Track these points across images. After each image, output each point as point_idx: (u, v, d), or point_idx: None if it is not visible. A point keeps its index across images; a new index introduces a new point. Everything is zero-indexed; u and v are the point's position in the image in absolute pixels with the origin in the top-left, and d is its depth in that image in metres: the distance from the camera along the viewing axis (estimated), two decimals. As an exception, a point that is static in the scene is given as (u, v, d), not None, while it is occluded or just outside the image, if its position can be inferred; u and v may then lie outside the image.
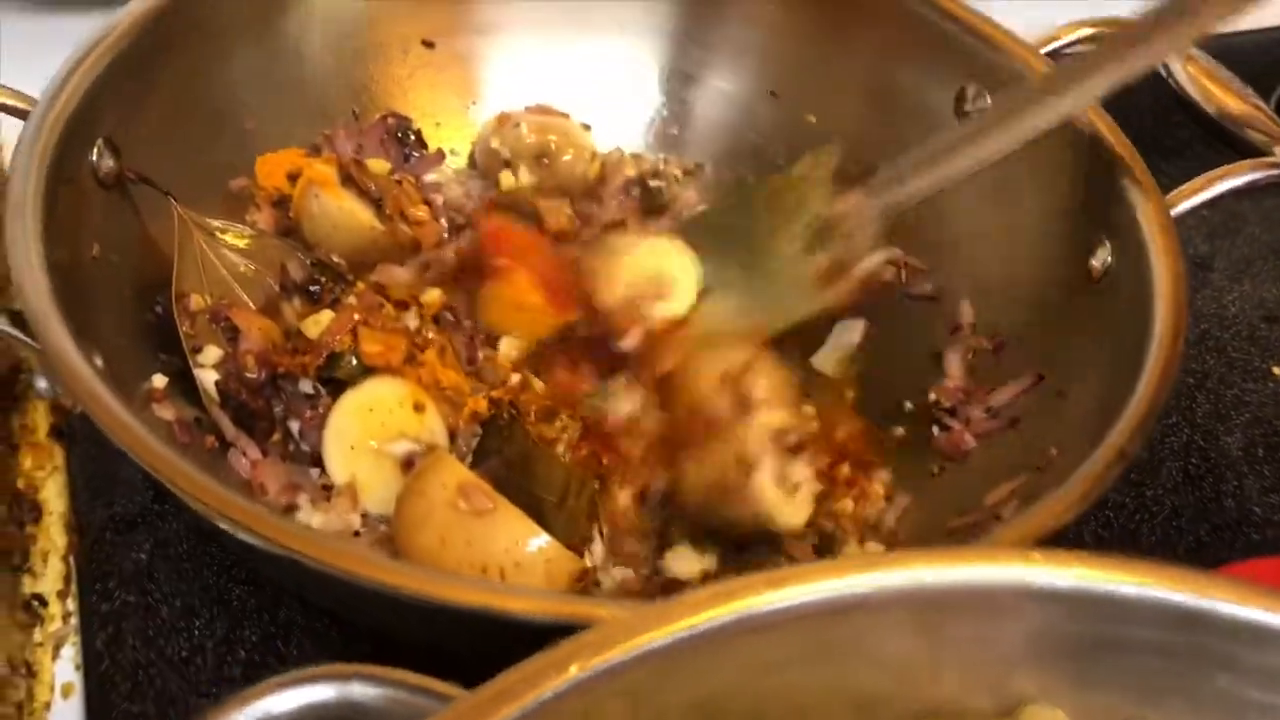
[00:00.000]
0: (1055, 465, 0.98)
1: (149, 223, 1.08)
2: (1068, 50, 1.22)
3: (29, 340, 0.86)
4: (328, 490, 0.99)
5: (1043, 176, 1.13)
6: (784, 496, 1.00)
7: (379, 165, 1.20)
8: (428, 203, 1.19)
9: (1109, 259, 1.07)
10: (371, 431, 0.98)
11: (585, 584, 0.91)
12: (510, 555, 0.87)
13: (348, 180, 1.15)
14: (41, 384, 0.85)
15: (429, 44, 1.30)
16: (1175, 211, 1.05)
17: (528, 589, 0.85)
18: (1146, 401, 0.89)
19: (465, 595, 0.73)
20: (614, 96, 1.33)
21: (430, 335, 1.02)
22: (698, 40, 1.33)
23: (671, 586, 0.97)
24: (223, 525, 0.75)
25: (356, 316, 1.01)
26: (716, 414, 1.02)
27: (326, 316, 1.02)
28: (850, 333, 1.25)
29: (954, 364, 1.17)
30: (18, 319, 0.87)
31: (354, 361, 1.00)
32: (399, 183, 1.19)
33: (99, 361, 0.88)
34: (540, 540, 0.88)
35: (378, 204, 1.16)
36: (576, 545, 0.96)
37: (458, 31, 1.31)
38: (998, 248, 1.18)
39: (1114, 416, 0.89)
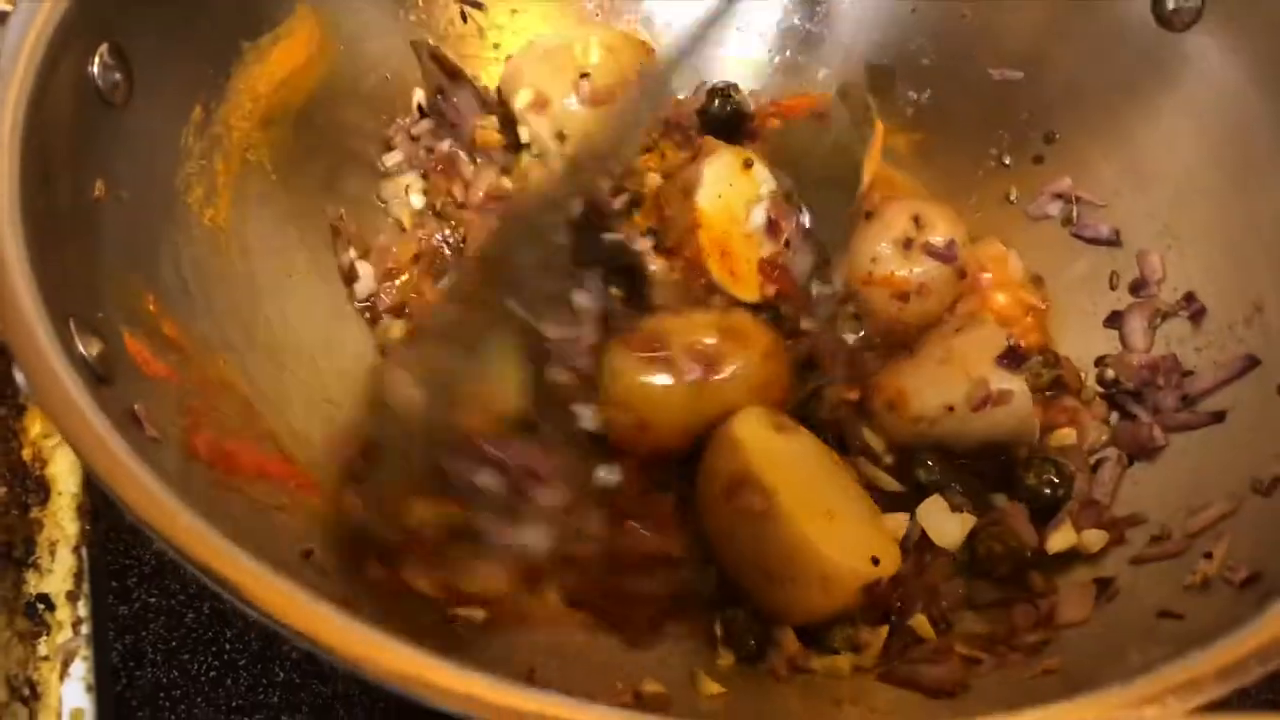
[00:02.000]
0: (1285, 490, 0.78)
1: (172, 145, 0.89)
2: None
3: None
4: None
5: (1269, 108, 0.89)
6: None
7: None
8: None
9: (1360, 216, 0.84)
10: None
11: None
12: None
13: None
14: (19, 377, 0.68)
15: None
16: None
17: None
18: None
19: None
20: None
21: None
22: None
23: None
24: (218, 589, 0.59)
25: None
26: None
27: None
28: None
29: (1136, 332, 0.96)
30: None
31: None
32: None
33: (92, 346, 0.71)
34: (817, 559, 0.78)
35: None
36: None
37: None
38: (1205, 190, 0.94)
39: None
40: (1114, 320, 0.97)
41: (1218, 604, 0.71)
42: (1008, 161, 1.06)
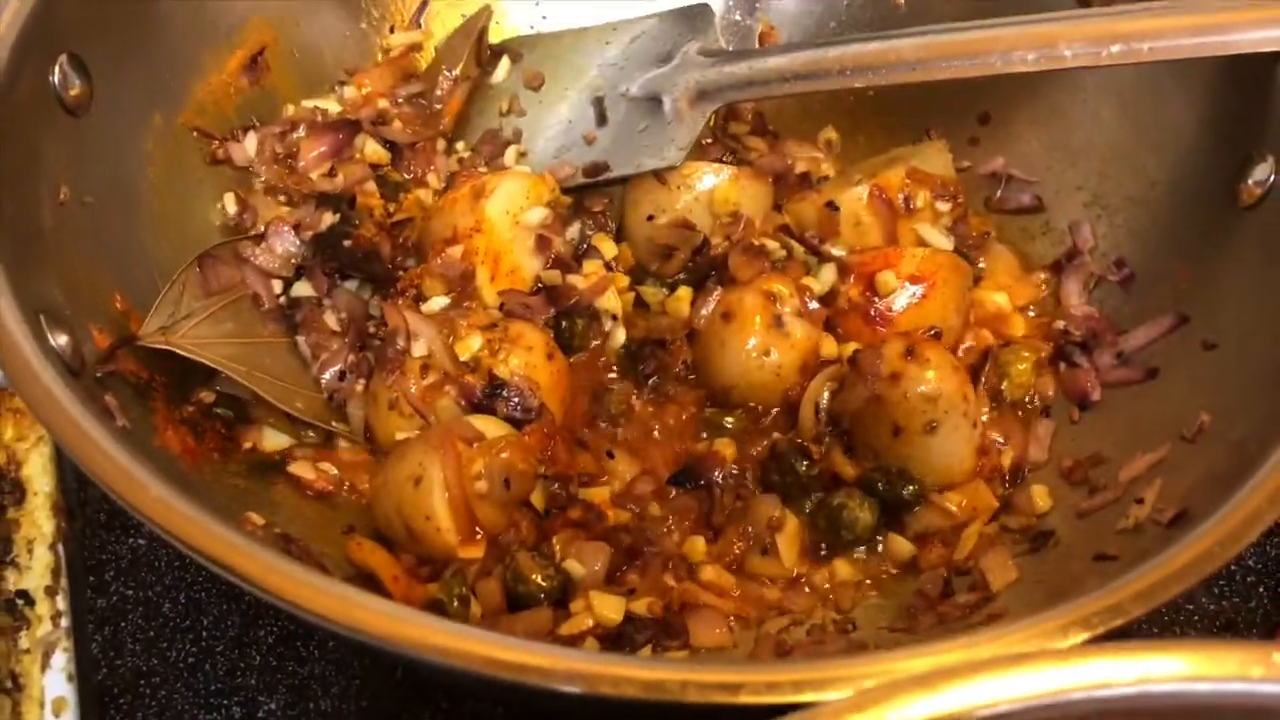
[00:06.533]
0: (1209, 437, 0.81)
1: (134, 152, 0.92)
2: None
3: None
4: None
5: (1190, 76, 0.94)
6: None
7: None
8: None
9: (1272, 176, 0.88)
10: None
11: None
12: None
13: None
14: (-2, 372, 0.71)
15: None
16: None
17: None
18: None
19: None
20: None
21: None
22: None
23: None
24: (220, 572, 0.61)
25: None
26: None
27: None
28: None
29: (1072, 294, 0.99)
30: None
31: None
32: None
33: (61, 340, 0.74)
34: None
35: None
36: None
37: None
38: (1128, 161, 0.99)
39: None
40: (1055, 269, 1.01)
41: (1147, 543, 0.75)
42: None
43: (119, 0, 0.90)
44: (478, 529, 0.81)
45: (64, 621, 0.86)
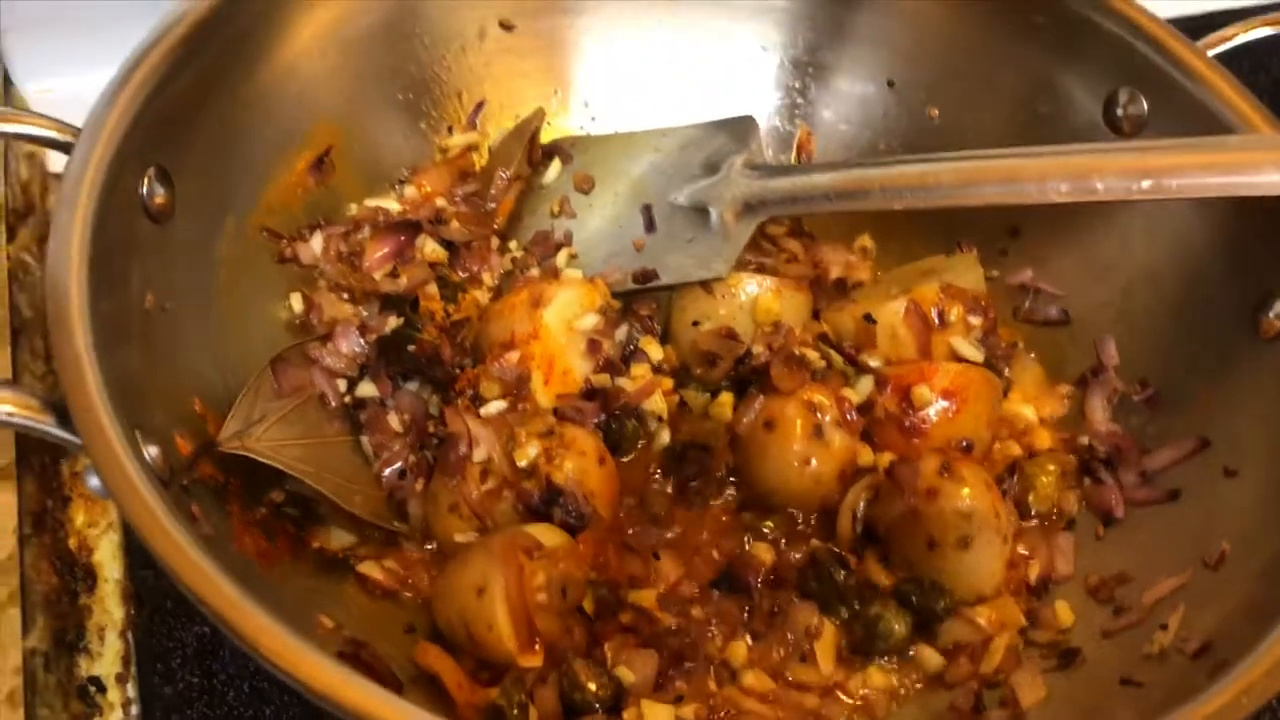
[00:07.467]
0: (1230, 565, 0.86)
1: (208, 255, 0.97)
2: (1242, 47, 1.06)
3: (71, 438, 0.75)
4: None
5: (1215, 207, 0.99)
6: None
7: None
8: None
9: (1293, 312, 0.93)
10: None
11: None
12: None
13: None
14: (94, 482, 0.76)
15: (507, 26, 1.16)
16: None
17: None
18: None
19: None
20: (722, 90, 1.19)
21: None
22: (815, 24, 1.18)
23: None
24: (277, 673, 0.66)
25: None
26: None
27: None
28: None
29: (1097, 407, 1.04)
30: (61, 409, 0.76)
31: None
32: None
33: (152, 451, 0.78)
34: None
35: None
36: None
37: (540, 13, 1.17)
38: (1153, 282, 1.04)
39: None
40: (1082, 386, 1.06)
41: (1173, 673, 0.79)
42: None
43: (205, 111, 0.95)
44: (536, 637, 0.85)
45: (134, 709, 0.90)
